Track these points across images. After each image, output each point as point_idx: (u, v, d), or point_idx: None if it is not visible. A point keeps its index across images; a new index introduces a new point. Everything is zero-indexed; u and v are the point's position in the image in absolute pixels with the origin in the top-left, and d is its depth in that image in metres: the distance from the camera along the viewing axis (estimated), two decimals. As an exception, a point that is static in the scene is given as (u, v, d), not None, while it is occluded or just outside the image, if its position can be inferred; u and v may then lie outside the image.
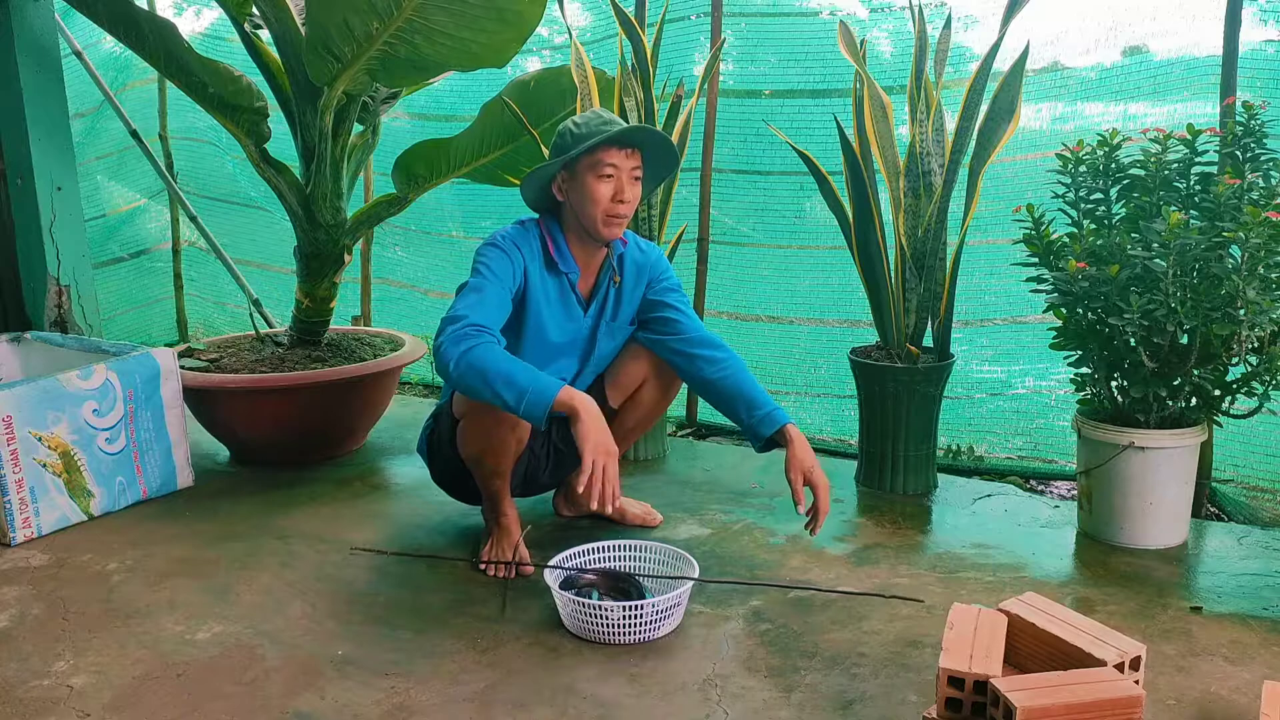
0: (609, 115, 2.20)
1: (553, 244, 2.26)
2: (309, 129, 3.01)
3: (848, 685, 1.83)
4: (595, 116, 2.19)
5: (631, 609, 1.95)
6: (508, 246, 2.20)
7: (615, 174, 2.16)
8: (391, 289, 4.41)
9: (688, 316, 2.36)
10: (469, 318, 2.02)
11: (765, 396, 2.23)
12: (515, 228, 2.27)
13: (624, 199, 2.17)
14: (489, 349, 1.98)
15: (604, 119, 2.18)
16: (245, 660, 1.95)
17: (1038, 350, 3.03)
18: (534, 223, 2.30)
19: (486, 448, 2.22)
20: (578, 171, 2.17)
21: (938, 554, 2.41)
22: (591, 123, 2.18)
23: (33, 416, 2.52)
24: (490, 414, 2.13)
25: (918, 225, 2.70)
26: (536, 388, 1.92)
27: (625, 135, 2.15)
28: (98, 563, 2.41)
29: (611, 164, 2.15)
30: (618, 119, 2.20)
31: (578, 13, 3.95)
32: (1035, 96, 3.04)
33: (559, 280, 2.28)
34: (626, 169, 2.17)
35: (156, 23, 2.88)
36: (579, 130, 2.17)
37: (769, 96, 3.50)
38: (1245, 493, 2.74)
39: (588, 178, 2.16)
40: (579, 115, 2.22)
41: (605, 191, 2.16)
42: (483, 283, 2.12)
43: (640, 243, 2.40)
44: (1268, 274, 2.12)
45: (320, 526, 2.61)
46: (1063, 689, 1.48)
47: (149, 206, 4.92)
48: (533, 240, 2.26)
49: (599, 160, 2.14)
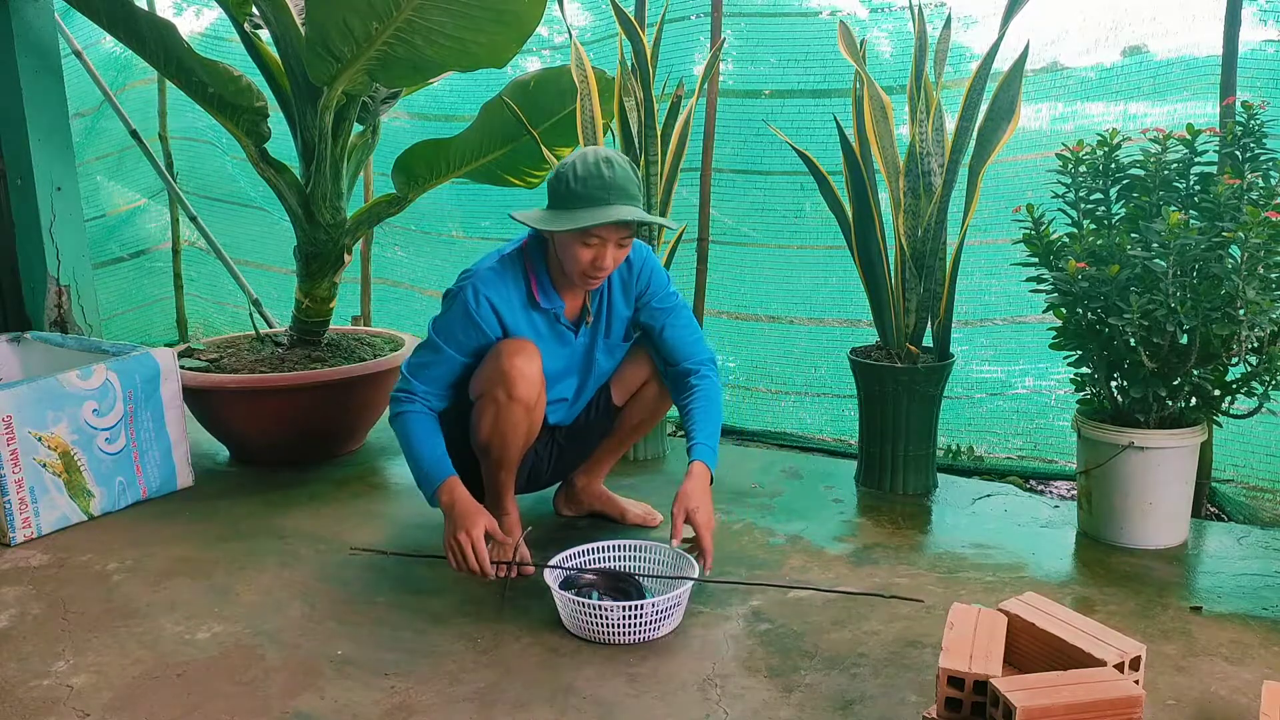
0: (611, 176, 2.06)
1: (536, 282, 2.22)
2: (309, 129, 3.01)
3: (848, 685, 1.83)
4: (595, 174, 2.06)
5: (631, 609, 1.95)
6: (474, 313, 2.17)
7: (600, 244, 2.09)
8: (391, 289, 4.41)
9: (675, 334, 2.33)
10: (412, 382, 2.24)
11: (703, 430, 2.24)
12: (492, 270, 2.21)
13: (603, 266, 2.11)
14: (414, 420, 2.22)
15: (603, 181, 2.06)
16: (245, 660, 1.95)
17: (1038, 350, 3.02)
18: (517, 255, 2.24)
19: (495, 430, 2.20)
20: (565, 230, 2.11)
21: (937, 554, 2.41)
22: (591, 181, 2.06)
23: (33, 416, 2.52)
24: (503, 394, 2.14)
25: (918, 225, 2.70)
26: (428, 477, 2.19)
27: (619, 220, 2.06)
28: (98, 563, 2.41)
29: (598, 236, 2.08)
30: (620, 181, 2.07)
31: (578, 13, 3.95)
32: (1035, 96, 3.04)
33: (545, 315, 2.25)
34: (613, 239, 2.09)
35: (156, 23, 2.88)
36: (575, 187, 2.06)
37: (769, 96, 3.50)
38: (1245, 493, 2.74)
39: (573, 242, 2.10)
40: (580, 166, 2.08)
41: (586, 256, 2.10)
42: (436, 355, 2.24)
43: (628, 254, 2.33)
44: (1268, 274, 2.12)
45: (320, 526, 2.61)
46: (1063, 689, 1.48)
47: (149, 206, 4.92)
48: (510, 285, 2.21)
49: (587, 231, 2.07)
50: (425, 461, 2.19)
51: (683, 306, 2.38)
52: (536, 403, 2.20)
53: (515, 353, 2.16)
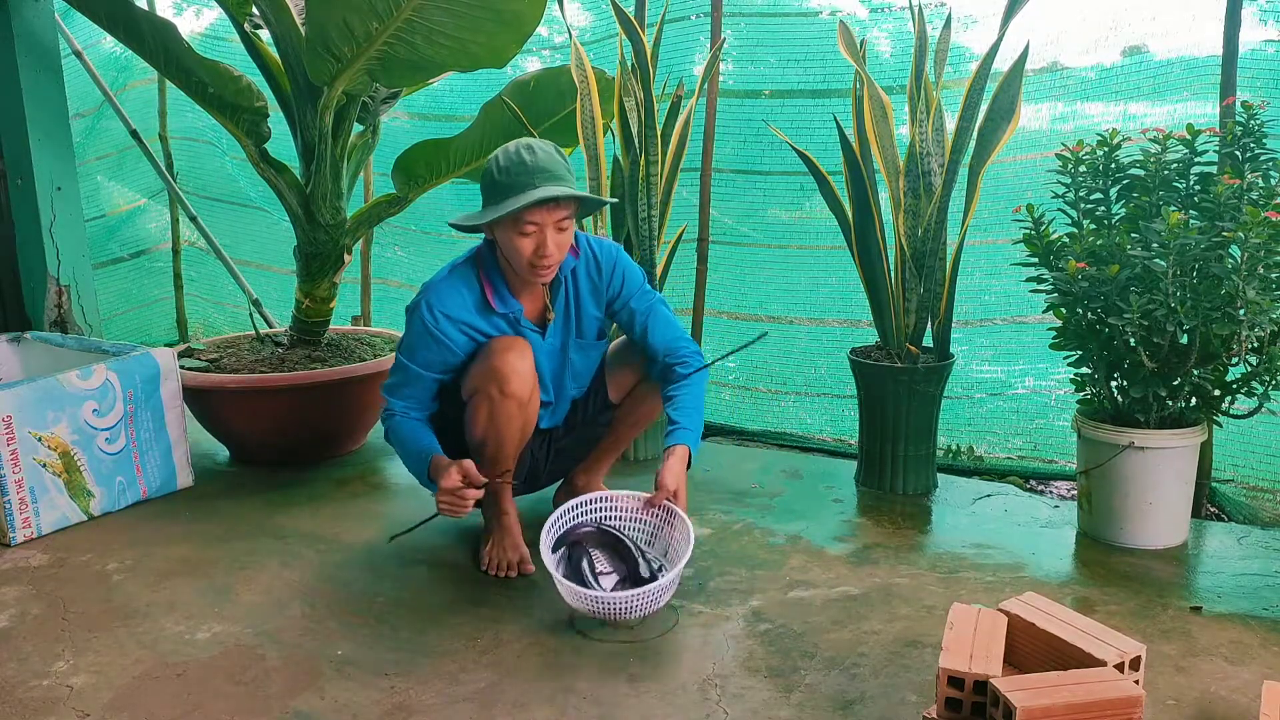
0: (533, 160, 2.06)
1: (490, 287, 2.21)
2: (309, 129, 3.01)
3: (848, 685, 1.83)
4: (518, 161, 2.06)
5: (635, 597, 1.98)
6: (432, 330, 2.17)
7: (537, 230, 2.07)
8: (391, 289, 4.41)
9: (658, 331, 2.31)
10: (391, 401, 2.29)
11: (686, 415, 2.22)
12: (445, 283, 2.20)
13: (546, 254, 2.09)
14: (399, 425, 2.27)
15: (526, 166, 2.05)
16: (245, 660, 1.95)
17: (1038, 350, 3.02)
18: (470, 263, 2.23)
19: (490, 427, 2.20)
20: (500, 221, 2.09)
21: (937, 554, 2.41)
22: (514, 169, 2.05)
23: (33, 416, 2.52)
24: (495, 390, 2.14)
25: (918, 225, 2.70)
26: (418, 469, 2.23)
27: (542, 199, 2.03)
28: (98, 563, 2.41)
29: (533, 221, 2.06)
30: (544, 163, 2.06)
31: (578, 13, 3.95)
32: (1035, 96, 3.04)
33: (504, 319, 2.24)
34: (551, 222, 2.07)
35: (156, 23, 2.88)
36: (500, 178, 2.07)
37: (769, 96, 3.50)
38: (1245, 493, 2.74)
39: (509, 233, 2.08)
40: (502, 157, 2.08)
41: (528, 246, 2.08)
42: (406, 375, 2.26)
43: (596, 251, 2.31)
44: (1268, 274, 2.12)
45: (320, 526, 2.61)
46: (1063, 689, 1.48)
47: (149, 206, 4.91)
48: (464, 293, 2.19)
49: (519, 218, 2.05)
50: (413, 456, 2.23)
51: (660, 301, 2.35)
52: (530, 398, 2.20)
53: (507, 349, 2.17)
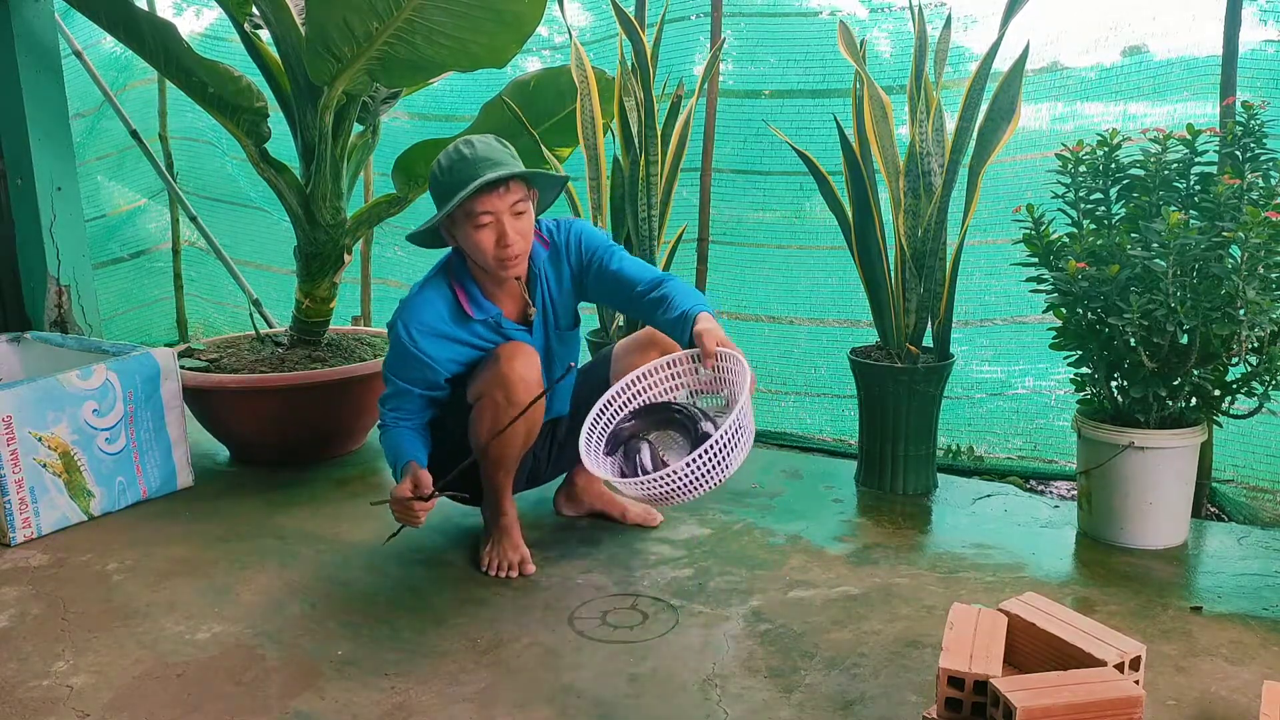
0: (472, 152, 2.03)
1: (464, 295, 2.19)
2: (309, 129, 3.01)
3: (848, 685, 1.83)
4: (457, 157, 2.04)
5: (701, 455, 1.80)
6: (411, 349, 2.16)
7: (493, 219, 2.04)
8: (391, 289, 4.41)
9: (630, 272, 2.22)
10: (384, 412, 2.28)
11: (692, 299, 2.10)
12: (417, 300, 2.18)
13: (508, 243, 2.05)
14: (388, 435, 2.26)
15: (466, 159, 2.02)
16: (245, 660, 1.95)
17: (1038, 350, 3.02)
18: (440, 274, 2.22)
19: (494, 433, 2.18)
20: (456, 221, 2.07)
21: (938, 554, 2.41)
22: (455, 167, 2.03)
23: (33, 416, 2.52)
24: (501, 397, 2.13)
25: (918, 225, 2.70)
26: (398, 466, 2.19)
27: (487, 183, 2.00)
28: (98, 563, 2.41)
29: (485, 211, 2.02)
30: (483, 153, 2.03)
31: (578, 13, 3.95)
32: (1035, 96, 3.04)
33: (483, 324, 2.22)
34: (505, 208, 2.03)
35: (156, 23, 2.88)
36: (443, 178, 2.04)
37: (769, 96, 3.50)
38: (1245, 493, 2.74)
39: (467, 228, 2.05)
40: (443, 159, 2.06)
41: (488, 238, 2.05)
42: (395, 390, 2.25)
43: (555, 233, 2.27)
44: (1268, 274, 2.12)
45: (320, 526, 2.61)
46: (1063, 689, 1.48)
47: (149, 206, 4.91)
48: (438, 306, 2.18)
49: (470, 210, 2.02)
50: (394, 465, 2.22)
51: (623, 251, 2.29)
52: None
53: (513, 356, 2.16)
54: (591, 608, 2.14)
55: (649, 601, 2.17)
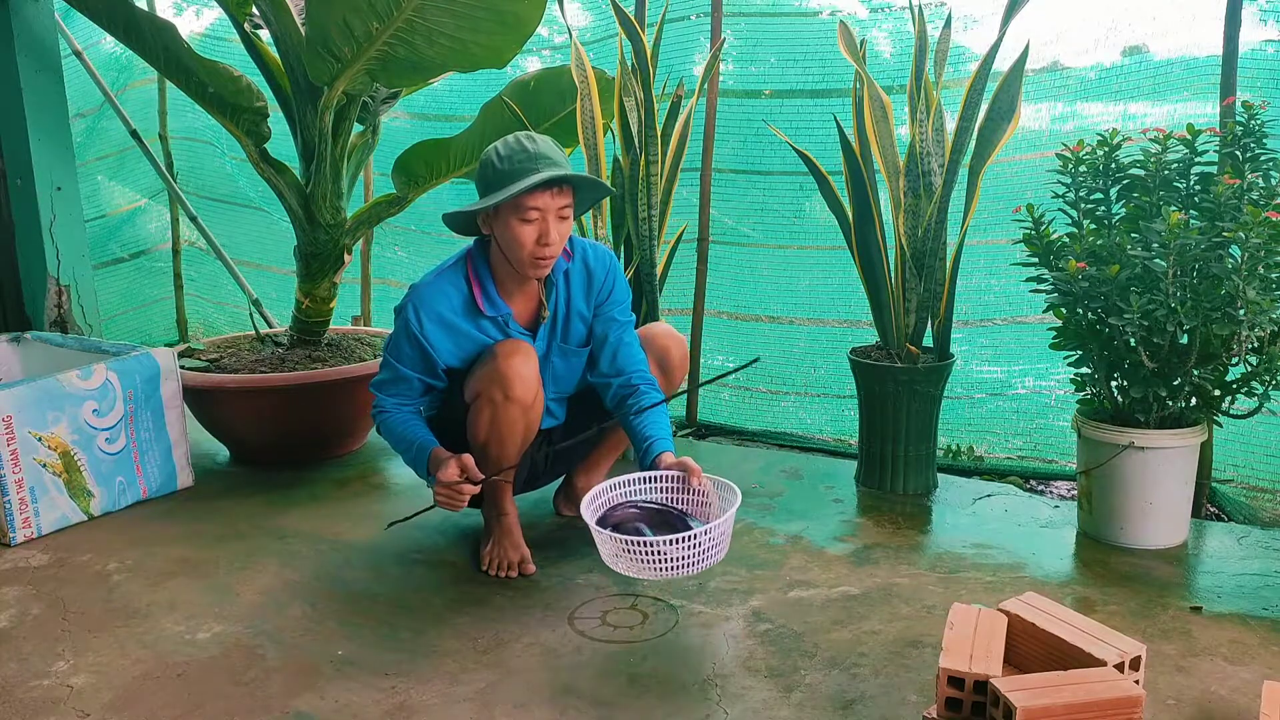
0: (534, 147, 2.05)
1: (479, 289, 2.19)
2: (309, 129, 3.01)
3: (848, 685, 1.83)
4: (519, 149, 2.04)
5: (684, 540, 1.90)
6: (416, 333, 2.16)
7: (540, 216, 2.04)
8: (391, 289, 4.41)
9: (627, 348, 2.30)
10: (380, 397, 2.29)
11: (664, 430, 2.21)
12: (432, 286, 2.18)
13: (549, 241, 2.06)
14: (390, 418, 2.27)
15: (528, 153, 2.03)
16: (245, 660, 1.95)
17: (1038, 350, 3.02)
18: (460, 265, 2.21)
19: (492, 431, 2.18)
20: (501, 210, 2.07)
21: (938, 554, 2.41)
22: (515, 157, 2.03)
23: (33, 416, 2.52)
24: (499, 394, 2.13)
25: (918, 225, 2.70)
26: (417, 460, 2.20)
27: (549, 180, 2.01)
28: (98, 563, 2.41)
29: (535, 207, 2.03)
30: (544, 150, 2.05)
31: (578, 13, 3.95)
32: (1035, 96, 3.04)
33: (493, 322, 2.22)
34: (553, 209, 2.05)
35: (156, 23, 2.88)
36: (501, 166, 2.04)
37: (769, 96, 3.50)
38: (1245, 493, 2.74)
39: (511, 220, 2.05)
40: (502, 148, 2.07)
41: (530, 235, 2.05)
42: (393, 373, 2.25)
43: (590, 254, 2.29)
44: (1268, 274, 2.12)
45: (320, 526, 2.61)
46: (1063, 689, 1.48)
47: (149, 207, 4.92)
48: (452, 296, 2.18)
49: (521, 204, 2.02)
50: (411, 449, 2.21)
51: (632, 321, 2.36)
52: (533, 403, 2.19)
53: (511, 354, 2.15)
54: (592, 608, 2.15)
55: (649, 601, 2.17)
